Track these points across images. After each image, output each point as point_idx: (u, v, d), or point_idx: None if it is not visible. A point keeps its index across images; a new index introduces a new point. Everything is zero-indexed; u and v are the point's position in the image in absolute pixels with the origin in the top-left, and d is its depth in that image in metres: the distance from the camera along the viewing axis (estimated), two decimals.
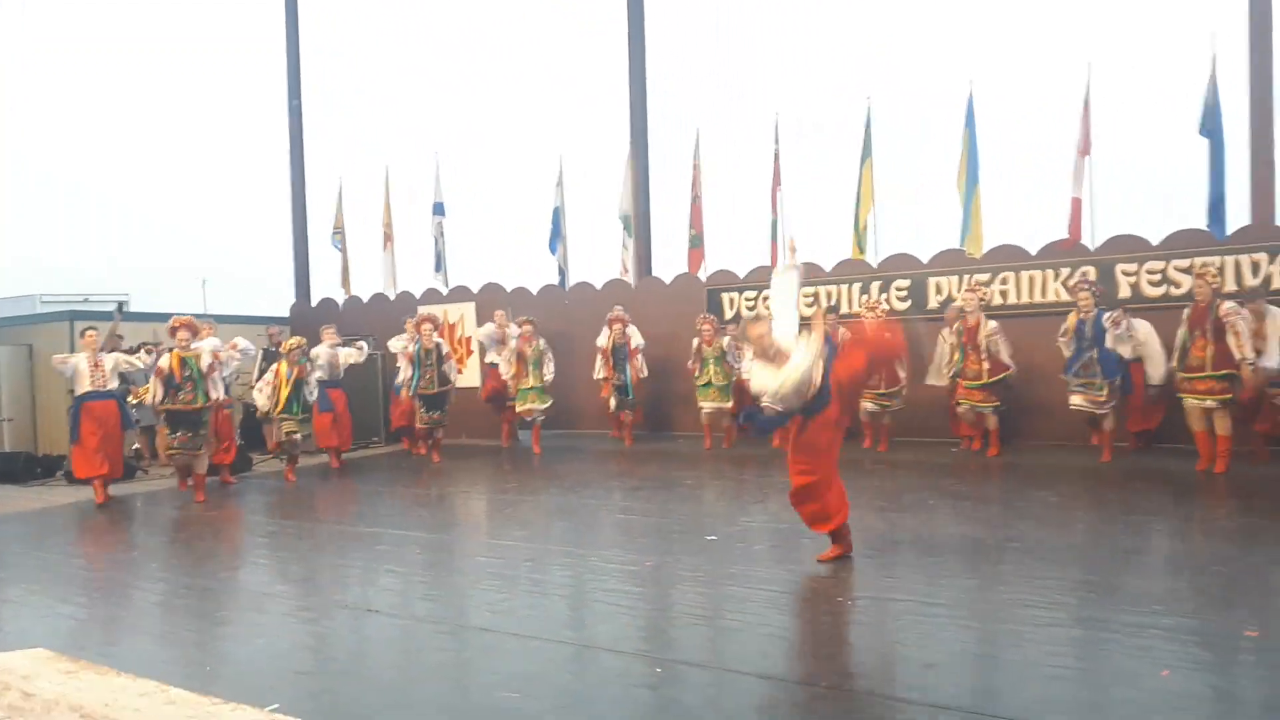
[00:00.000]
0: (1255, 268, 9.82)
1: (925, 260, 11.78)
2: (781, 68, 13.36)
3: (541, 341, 12.23)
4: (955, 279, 11.39)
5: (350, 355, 11.89)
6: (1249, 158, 10.27)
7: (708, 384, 11.64)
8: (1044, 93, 11.30)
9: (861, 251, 11.89)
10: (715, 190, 13.54)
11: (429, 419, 11.96)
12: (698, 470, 10.10)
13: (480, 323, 13.81)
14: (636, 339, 12.30)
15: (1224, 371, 8.36)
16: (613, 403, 12.35)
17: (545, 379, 12.12)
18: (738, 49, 13.87)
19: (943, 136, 11.52)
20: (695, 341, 11.80)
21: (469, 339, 14.54)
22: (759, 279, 12.91)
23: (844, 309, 12.01)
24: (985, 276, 11.19)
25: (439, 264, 15.03)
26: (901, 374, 10.48)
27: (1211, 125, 9.98)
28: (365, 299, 15.98)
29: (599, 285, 14.14)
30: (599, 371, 12.46)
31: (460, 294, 15.00)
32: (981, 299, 10.30)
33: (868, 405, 10.60)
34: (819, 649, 4.42)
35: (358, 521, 8.18)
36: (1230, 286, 9.57)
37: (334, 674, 4.32)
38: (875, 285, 12.00)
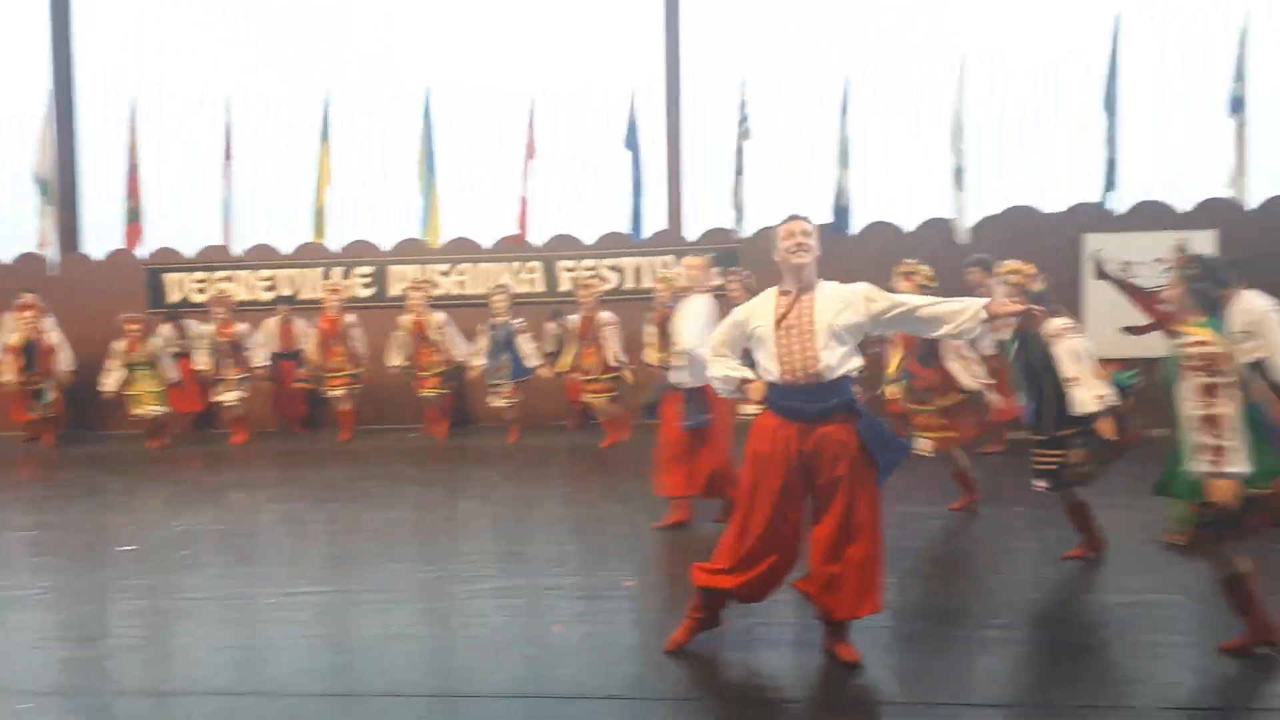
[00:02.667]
0: (666, 268, 11.40)
1: (387, 248, 11.83)
2: (228, 41, 12.44)
3: None
4: (416, 268, 11.61)
5: None
6: (665, 171, 11.90)
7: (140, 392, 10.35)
8: (497, 95, 11.97)
9: (321, 235, 11.57)
10: (160, 160, 12.24)
11: None
12: (128, 475, 9.02)
13: None
14: (54, 335, 10.46)
15: (610, 375, 9.71)
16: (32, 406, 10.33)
17: None
18: (179, 13, 12.62)
19: (404, 127, 11.67)
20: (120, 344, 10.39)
21: None
22: (211, 258, 11.93)
23: (305, 294, 11.60)
24: (444, 267, 11.59)
25: None
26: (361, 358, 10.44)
27: (633, 141, 11.41)
28: None
29: (8, 260, 11.98)
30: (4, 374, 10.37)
31: None
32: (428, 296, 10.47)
33: (337, 392, 10.36)
34: (238, 656, 4.19)
35: None
36: (645, 284, 10.99)
37: None
38: (337, 271, 11.76)
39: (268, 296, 11.67)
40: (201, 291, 11.73)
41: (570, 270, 11.48)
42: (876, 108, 11.38)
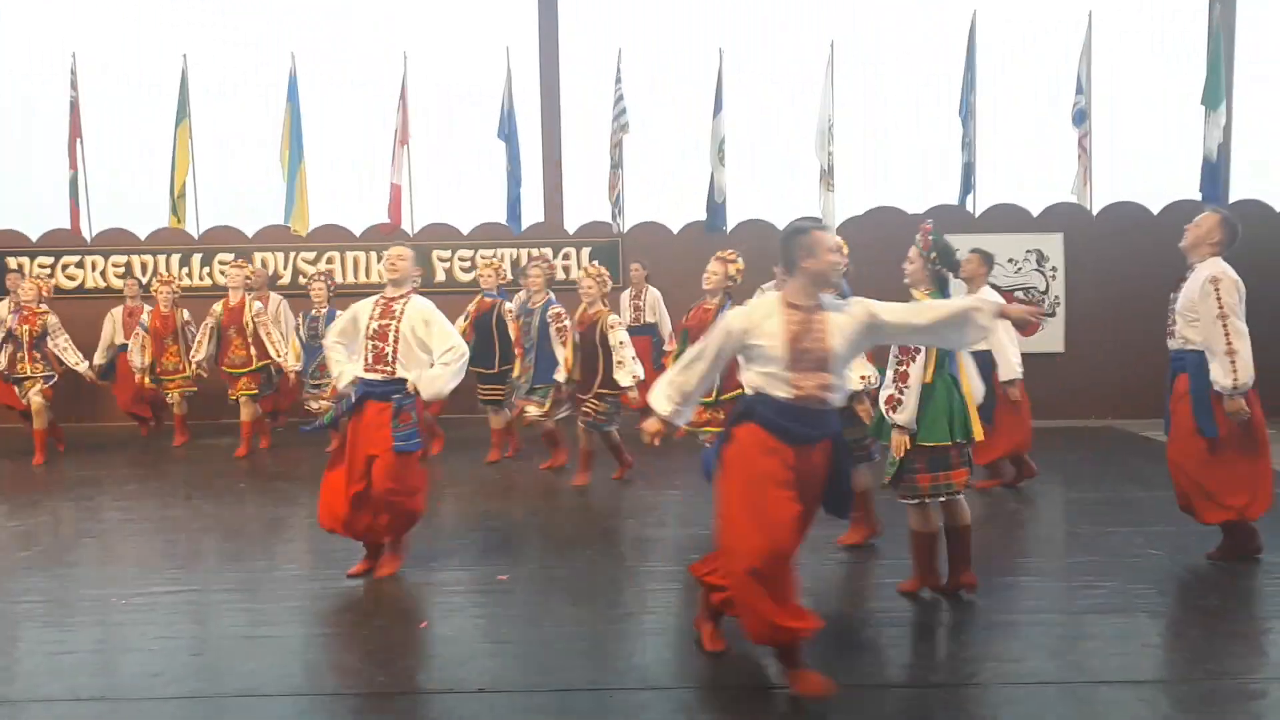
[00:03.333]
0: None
1: (250, 234, 11.37)
2: (82, 5, 11.68)
3: None
4: (282, 255, 11.21)
5: None
6: (540, 161, 11.80)
7: None
8: (368, 78, 11.63)
9: (179, 220, 11.02)
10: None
11: None
12: None
13: None
14: None
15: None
16: None
17: None
18: None
19: (268, 105, 11.23)
20: None
21: None
22: (58, 242, 11.23)
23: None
24: (312, 255, 11.23)
25: None
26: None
27: (508, 130, 11.27)
28: None
29: None
30: None
31: None
32: (248, 277, 9.34)
33: (173, 396, 9.56)
34: (83, 660, 3.96)
35: None
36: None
37: None
38: (196, 258, 11.24)
39: (121, 285, 11.07)
40: (49, 275, 11.03)
41: (445, 261, 11.30)
42: (751, 103, 11.59)
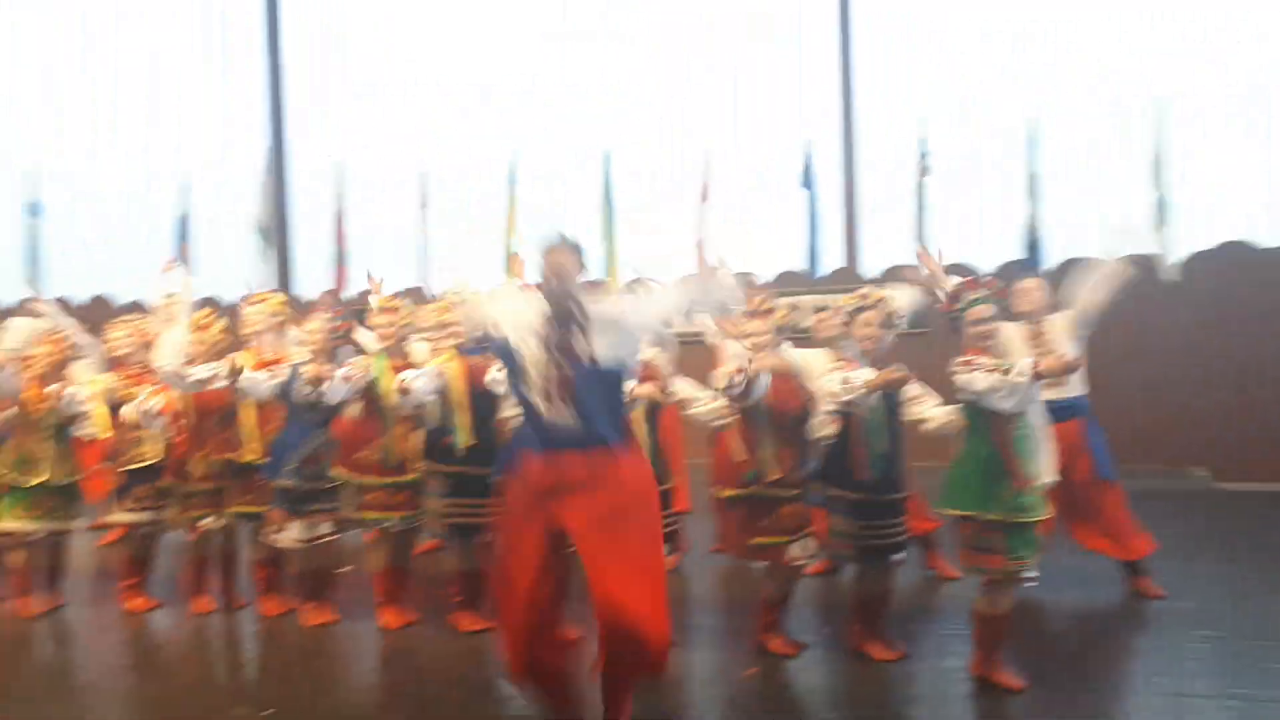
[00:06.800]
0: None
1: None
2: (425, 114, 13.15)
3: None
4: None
5: None
6: (842, 209, 11.79)
7: None
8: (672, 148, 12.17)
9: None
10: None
11: None
12: None
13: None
14: None
15: None
16: None
17: None
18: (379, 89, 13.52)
19: (585, 182, 12.05)
20: None
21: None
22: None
23: None
24: None
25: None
26: None
27: (809, 179, 11.39)
28: None
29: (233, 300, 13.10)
30: None
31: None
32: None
33: None
34: None
35: None
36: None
37: None
38: None
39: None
40: None
41: None
42: (1065, 142, 10.83)
